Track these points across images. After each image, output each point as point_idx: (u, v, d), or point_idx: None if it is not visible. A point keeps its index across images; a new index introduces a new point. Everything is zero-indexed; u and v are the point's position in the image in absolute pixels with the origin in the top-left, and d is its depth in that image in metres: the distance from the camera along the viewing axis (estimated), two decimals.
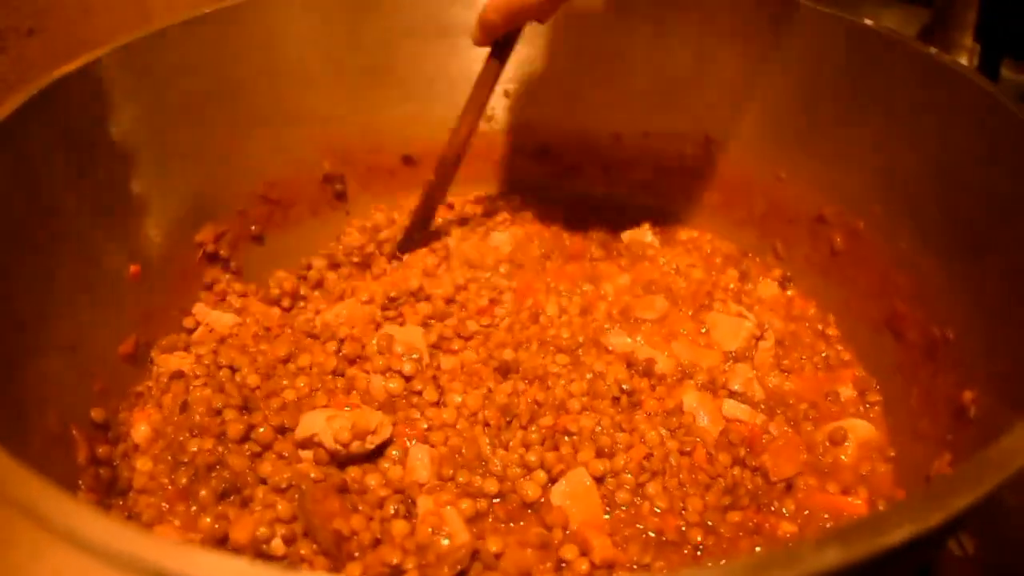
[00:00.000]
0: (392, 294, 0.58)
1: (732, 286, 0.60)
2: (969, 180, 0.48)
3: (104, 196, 0.51)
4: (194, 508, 0.44)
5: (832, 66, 0.57)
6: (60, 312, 0.47)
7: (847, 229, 0.58)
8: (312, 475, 0.44)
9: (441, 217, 0.67)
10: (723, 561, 0.37)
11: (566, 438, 0.48)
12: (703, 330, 0.56)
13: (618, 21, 0.64)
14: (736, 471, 0.46)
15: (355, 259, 0.63)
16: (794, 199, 0.61)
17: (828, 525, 0.45)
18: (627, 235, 0.65)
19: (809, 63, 0.58)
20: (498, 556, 0.41)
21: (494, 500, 0.45)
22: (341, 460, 0.46)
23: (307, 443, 0.47)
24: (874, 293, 0.55)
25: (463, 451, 0.47)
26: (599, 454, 0.46)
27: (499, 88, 0.68)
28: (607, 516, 0.44)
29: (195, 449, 0.47)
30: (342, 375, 0.52)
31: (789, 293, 0.61)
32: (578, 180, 0.71)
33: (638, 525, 0.44)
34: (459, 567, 0.39)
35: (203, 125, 0.58)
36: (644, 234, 0.65)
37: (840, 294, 0.59)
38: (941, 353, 0.47)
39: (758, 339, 0.55)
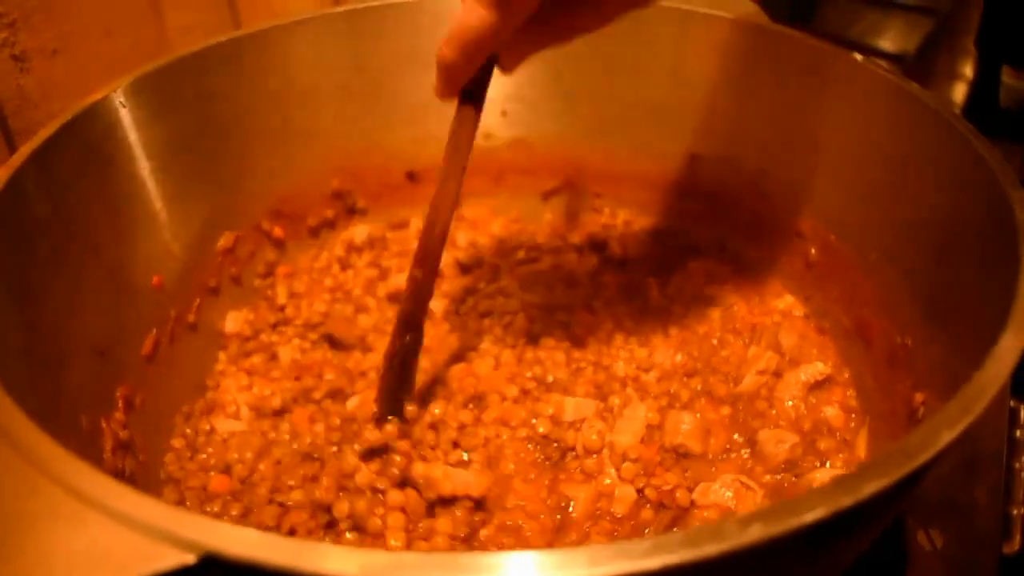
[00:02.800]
0: None
1: None
2: (929, 201, 0.51)
3: (127, 214, 0.56)
4: None
5: (812, 90, 0.60)
6: (89, 320, 0.51)
7: (821, 242, 0.61)
8: None
9: None
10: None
11: None
12: None
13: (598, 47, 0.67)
14: None
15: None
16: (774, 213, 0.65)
17: None
18: None
19: (791, 87, 0.62)
20: None
21: None
22: None
23: None
24: (845, 302, 0.59)
25: None
26: None
27: (497, 106, 0.73)
28: None
29: None
30: None
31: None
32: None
33: None
34: None
35: (219, 146, 0.62)
36: None
37: (815, 304, 0.62)
38: (900, 359, 0.51)
39: None
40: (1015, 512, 0.60)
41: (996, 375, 0.32)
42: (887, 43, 1.42)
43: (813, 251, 0.62)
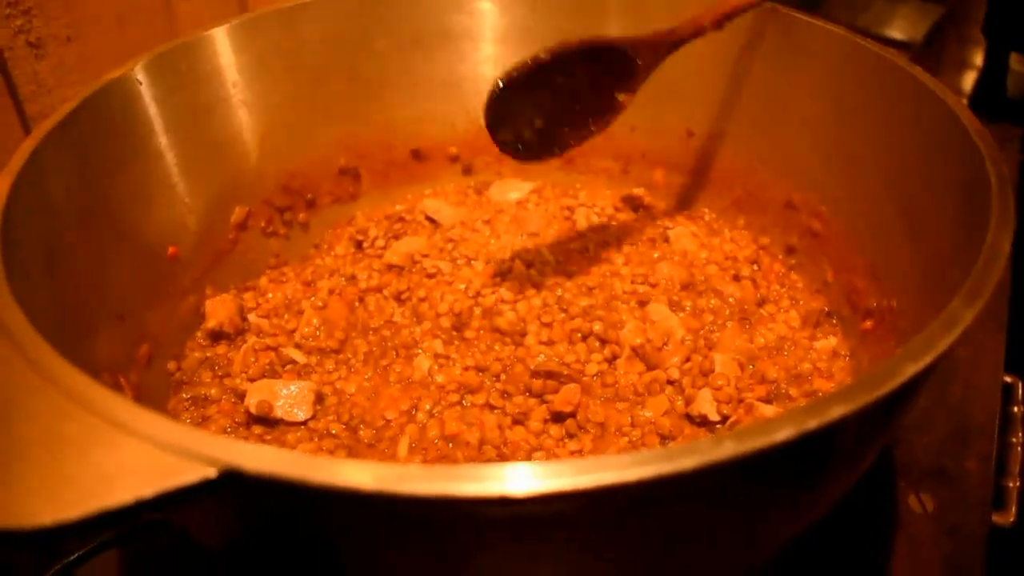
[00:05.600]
0: None
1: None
2: (911, 169, 0.53)
3: (144, 186, 0.58)
4: None
5: (803, 67, 0.62)
6: (112, 287, 0.54)
7: (813, 213, 0.63)
8: None
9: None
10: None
11: None
12: None
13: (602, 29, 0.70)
14: None
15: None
16: (766, 186, 0.67)
17: None
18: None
19: (783, 64, 0.64)
20: None
21: None
22: None
23: None
24: (837, 270, 0.61)
25: None
26: None
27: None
28: None
29: None
30: None
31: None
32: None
33: None
34: None
35: (230, 123, 0.65)
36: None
37: (807, 273, 0.65)
38: (886, 320, 0.53)
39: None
40: (1011, 484, 0.62)
41: (958, 318, 0.34)
42: (896, 31, 1.44)
43: (805, 222, 0.64)
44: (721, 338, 0.60)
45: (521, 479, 0.27)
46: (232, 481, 0.28)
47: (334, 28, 0.68)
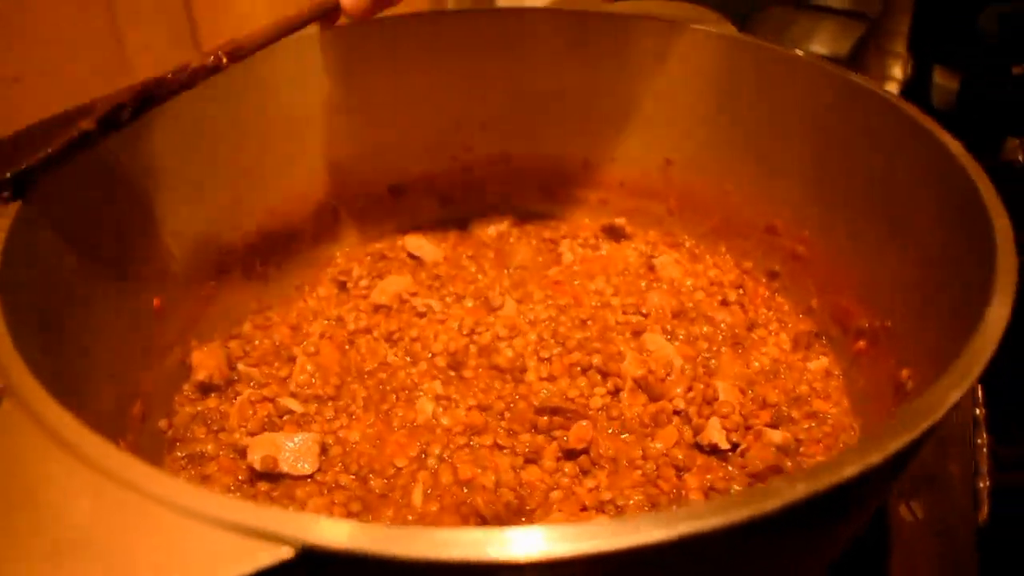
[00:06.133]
0: None
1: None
2: (897, 193, 0.55)
3: (129, 234, 0.56)
4: None
5: (779, 97, 0.64)
6: (101, 346, 0.51)
7: (795, 238, 0.65)
8: None
9: None
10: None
11: None
12: None
13: (581, 59, 0.70)
14: None
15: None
16: (746, 212, 0.69)
17: None
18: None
19: (760, 94, 0.66)
20: None
21: None
22: None
23: None
24: (822, 292, 0.63)
25: None
26: None
27: (478, 119, 0.75)
28: None
29: None
30: None
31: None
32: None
33: None
34: None
35: (207, 167, 0.63)
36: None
37: (792, 296, 0.66)
38: (881, 340, 0.55)
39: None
40: (981, 485, 0.65)
41: (991, 337, 0.35)
42: (820, 47, 1.49)
43: (788, 246, 0.66)
44: (719, 365, 0.61)
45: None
46: (311, 560, 0.27)
47: (312, 62, 0.67)
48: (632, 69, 0.70)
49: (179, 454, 0.56)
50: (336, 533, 0.27)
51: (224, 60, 0.54)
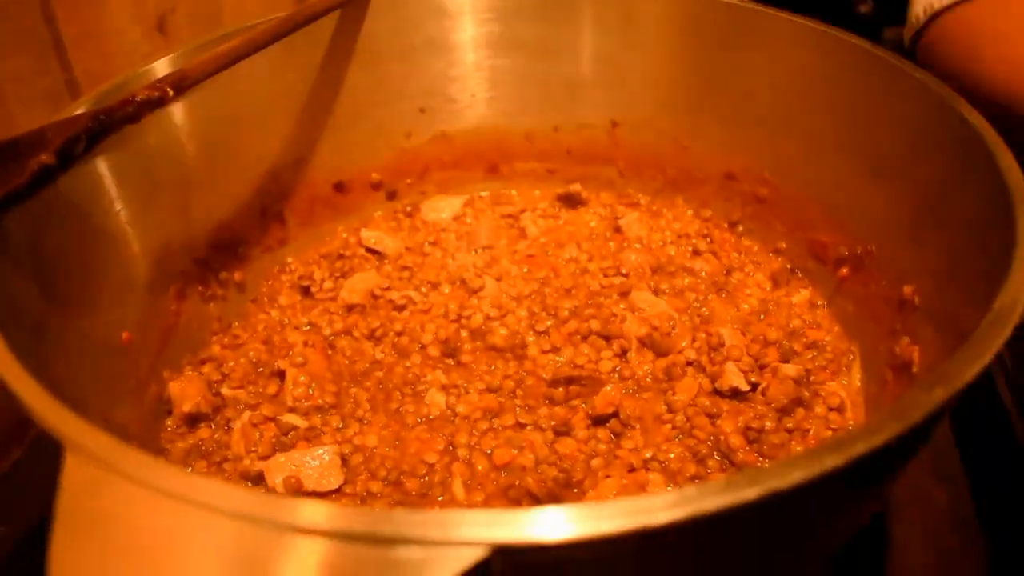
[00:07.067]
0: None
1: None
2: (851, 116, 0.58)
3: (94, 265, 0.51)
4: None
5: (724, 46, 0.65)
6: (80, 390, 0.46)
7: (757, 180, 0.67)
8: None
9: None
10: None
11: None
12: None
13: (526, 29, 0.69)
14: None
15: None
16: (701, 163, 0.70)
17: None
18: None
19: (699, 47, 0.67)
20: None
21: None
22: None
23: None
24: (791, 230, 0.65)
25: None
26: None
27: (415, 104, 0.72)
28: None
29: None
30: None
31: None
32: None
33: None
34: None
35: (151, 185, 0.58)
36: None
37: (759, 238, 0.68)
38: (868, 264, 0.57)
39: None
40: None
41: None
42: None
43: (749, 190, 0.68)
44: (711, 312, 0.62)
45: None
46: (505, 558, 0.25)
47: (247, 66, 0.62)
48: (570, 36, 0.70)
49: None
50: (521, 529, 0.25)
51: (169, 92, 0.50)
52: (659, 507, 0.25)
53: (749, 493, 0.26)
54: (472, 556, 0.25)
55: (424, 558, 0.25)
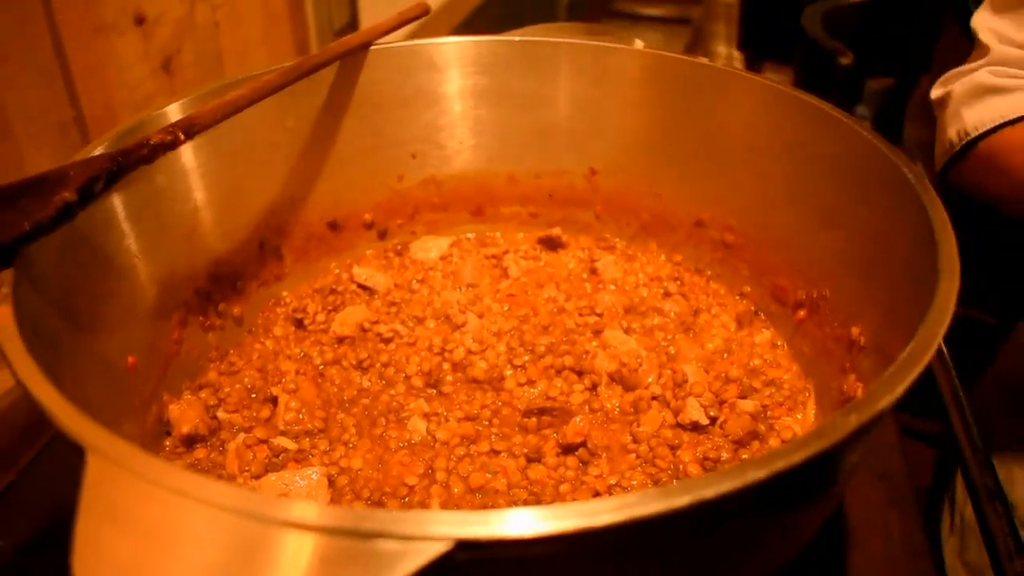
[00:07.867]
0: None
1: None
2: (818, 176, 0.63)
3: (105, 290, 0.55)
4: None
5: (690, 102, 0.71)
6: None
7: (723, 227, 0.72)
8: None
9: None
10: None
11: None
12: None
13: (509, 81, 0.75)
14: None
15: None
16: (673, 210, 0.75)
17: None
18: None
19: (669, 102, 0.72)
20: None
21: None
22: None
23: None
24: (755, 274, 0.70)
25: None
26: None
27: (407, 150, 0.77)
28: None
29: None
30: None
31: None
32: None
33: None
34: None
35: (157, 219, 0.62)
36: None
37: (726, 281, 0.73)
38: (823, 308, 0.62)
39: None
40: None
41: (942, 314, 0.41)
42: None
43: (717, 237, 0.73)
44: (678, 350, 0.66)
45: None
46: (466, 551, 0.29)
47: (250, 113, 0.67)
48: (549, 89, 0.75)
49: None
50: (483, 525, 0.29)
51: (181, 136, 0.54)
52: (602, 510, 0.30)
53: (681, 500, 0.30)
54: (438, 548, 0.29)
55: (399, 550, 0.29)
